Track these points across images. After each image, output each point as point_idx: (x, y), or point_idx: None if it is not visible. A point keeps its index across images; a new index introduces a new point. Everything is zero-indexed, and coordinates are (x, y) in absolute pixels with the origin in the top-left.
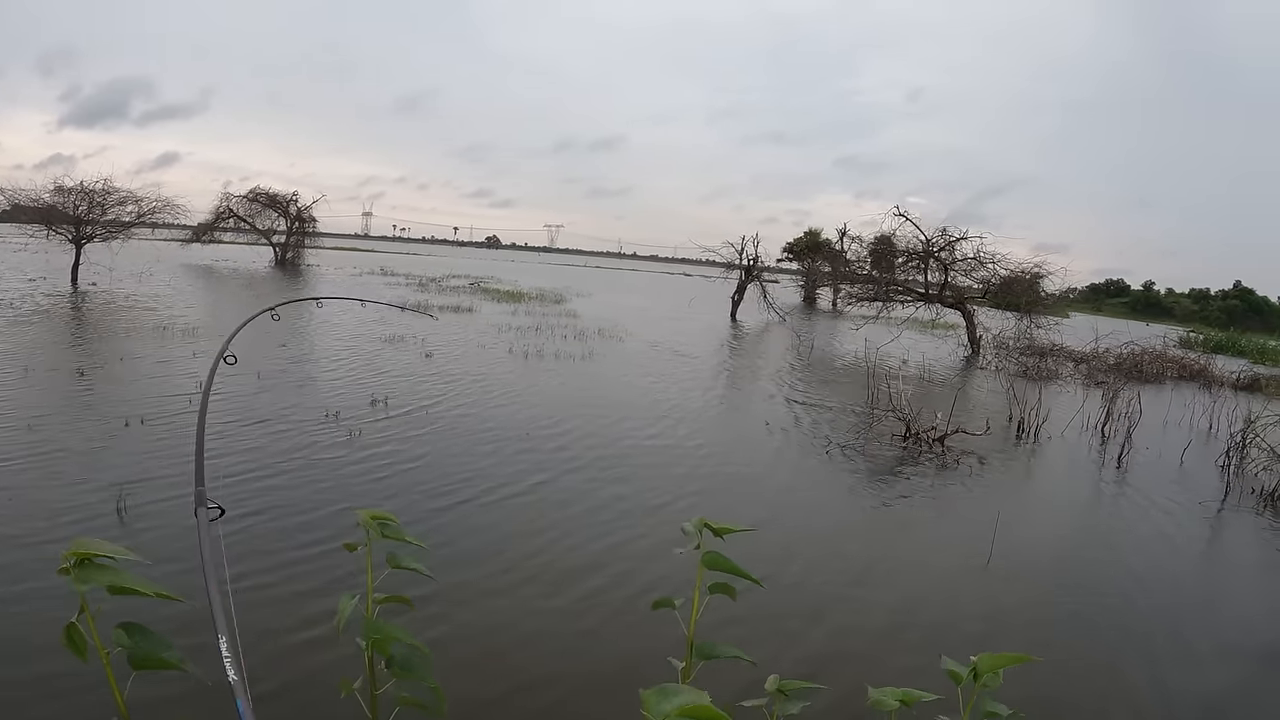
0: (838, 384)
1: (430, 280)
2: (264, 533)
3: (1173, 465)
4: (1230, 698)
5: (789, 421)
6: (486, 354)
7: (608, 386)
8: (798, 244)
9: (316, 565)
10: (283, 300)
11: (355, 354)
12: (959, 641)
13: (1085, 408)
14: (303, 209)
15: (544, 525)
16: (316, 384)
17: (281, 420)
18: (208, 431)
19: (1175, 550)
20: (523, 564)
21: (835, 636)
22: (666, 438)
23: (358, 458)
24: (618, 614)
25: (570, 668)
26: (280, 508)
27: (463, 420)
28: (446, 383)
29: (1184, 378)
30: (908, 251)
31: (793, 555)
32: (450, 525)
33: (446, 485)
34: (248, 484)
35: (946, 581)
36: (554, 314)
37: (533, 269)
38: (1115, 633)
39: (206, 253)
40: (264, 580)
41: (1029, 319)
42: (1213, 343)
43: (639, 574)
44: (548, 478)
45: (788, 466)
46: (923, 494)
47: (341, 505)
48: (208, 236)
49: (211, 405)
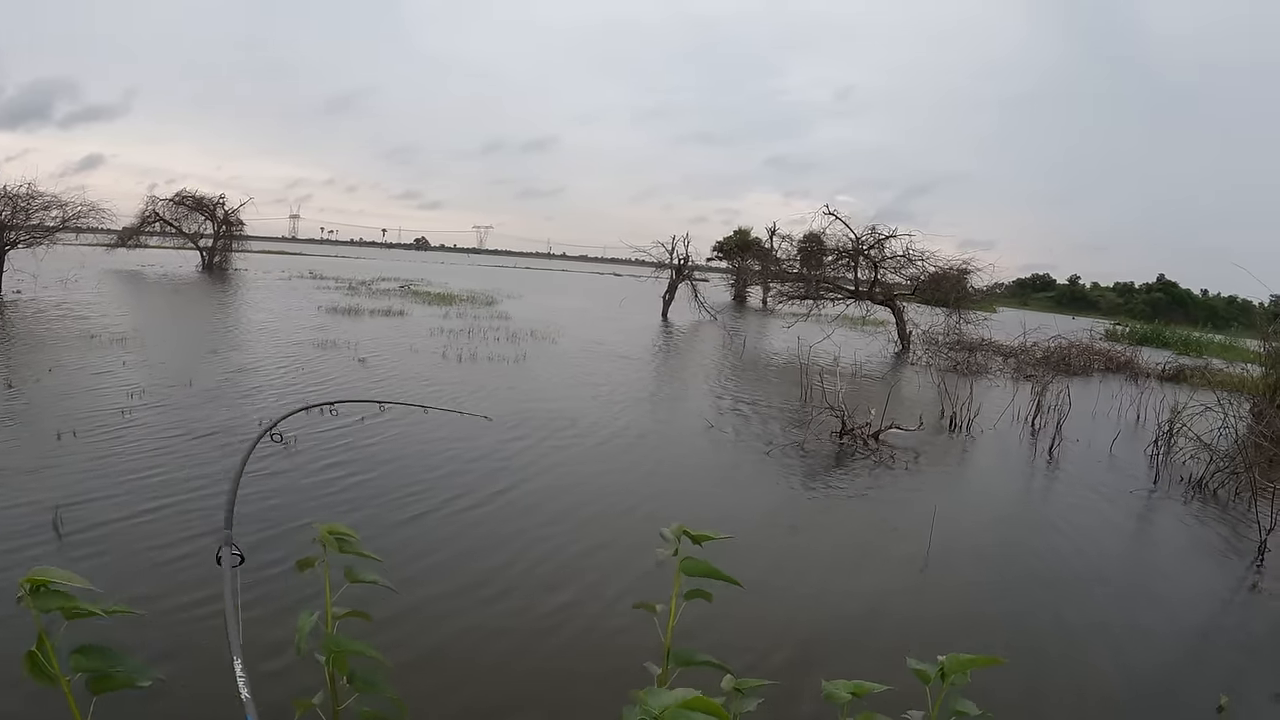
0: (772, 382)
1: (361, 283)
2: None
3: (1103, 455)
4: (1172, 677)
5: (728, 420)
6: (419, 358)
7: (546, 389)
8: (727, 243)
9: (276, 586)
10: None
11: (292, 360)
12: (896, 637)
13: (1016, 401)
14: (230, 212)
15: (508, 534)
16: (263, 392)
17: (224, 433)
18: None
19: (1112, 537)
20: (490, 577)
21: (802, 639)
22: (609, 440)
23: (305, 472)
24: (592, 624)
25: (542, 678)
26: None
27: (412, 430)
28: (383, 388)
29: (1111, 370)
30: (838, 250)
31: (749, 556)
32: (411, 540)
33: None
34: (197, 502)
35: (887, 577)
36: (486, 316)
37: (462, 270)
38: (1058, 622)
39: (132, 258)
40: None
41: (958, 314)
42: (1138, 335)
43: (610, 583)
44: (506, 485)
45: (730, 466)
46: (861, 490)
47: (296, 522)
48: (134, 241)
49: (149, 418)
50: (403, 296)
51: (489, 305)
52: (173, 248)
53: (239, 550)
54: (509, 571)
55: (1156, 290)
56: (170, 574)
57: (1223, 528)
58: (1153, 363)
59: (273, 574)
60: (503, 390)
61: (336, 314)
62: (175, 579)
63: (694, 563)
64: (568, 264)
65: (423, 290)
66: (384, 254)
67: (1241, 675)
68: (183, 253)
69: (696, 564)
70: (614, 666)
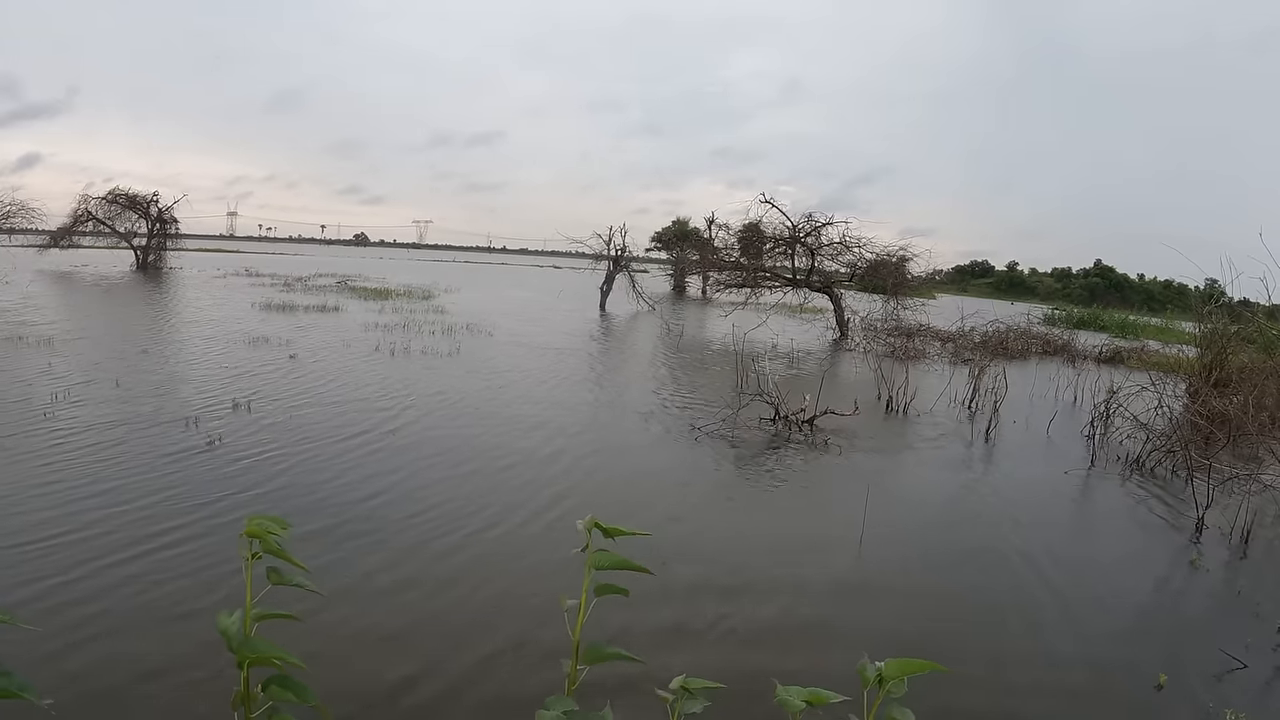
0: (708, 370)
1: (296, 280)
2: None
3: (1039, 436)
4: (1111, 654)
5: (661, 410)
6: (351, 352)
7: (476, 384)
8: (666, 233)
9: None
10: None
11: (225, 357)
12: (836, 624)
13: (953, 385)
14: (164, 210)
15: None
16: (187, 386)
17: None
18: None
19: (1051, 514)
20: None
21: (731, 632)
22: (539, 434)
23: (226, 469)
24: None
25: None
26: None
27: (328, 425)
28: (317, 384)
29: (1048, 353)
30: (775, 238)
31: (675, 547)
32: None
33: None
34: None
35: (825, 565)
36: (422, 310)
37: (401, 265)
38: (989, 596)
39: (64, 258)
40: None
41: (895, 301)
42: (1075, 319)
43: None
44: (428, 481)
45: (661, 455)
46: (792, 476)
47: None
48: (66, 241)
49: (72, 415)
50: (339, 292)
51: (426, 299)
52: (106, 247)
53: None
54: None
55: (1094, 275)
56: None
57: (1159, 505)
58: (1090, 345)
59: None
60: (426, 387)
61: (271, 310)
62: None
63: (601, 556)
64: (508, 257)
65: (360, 286)
66: (323, 250)
67: (1179, 652)
68: (116, 252)
69: (603, 557)
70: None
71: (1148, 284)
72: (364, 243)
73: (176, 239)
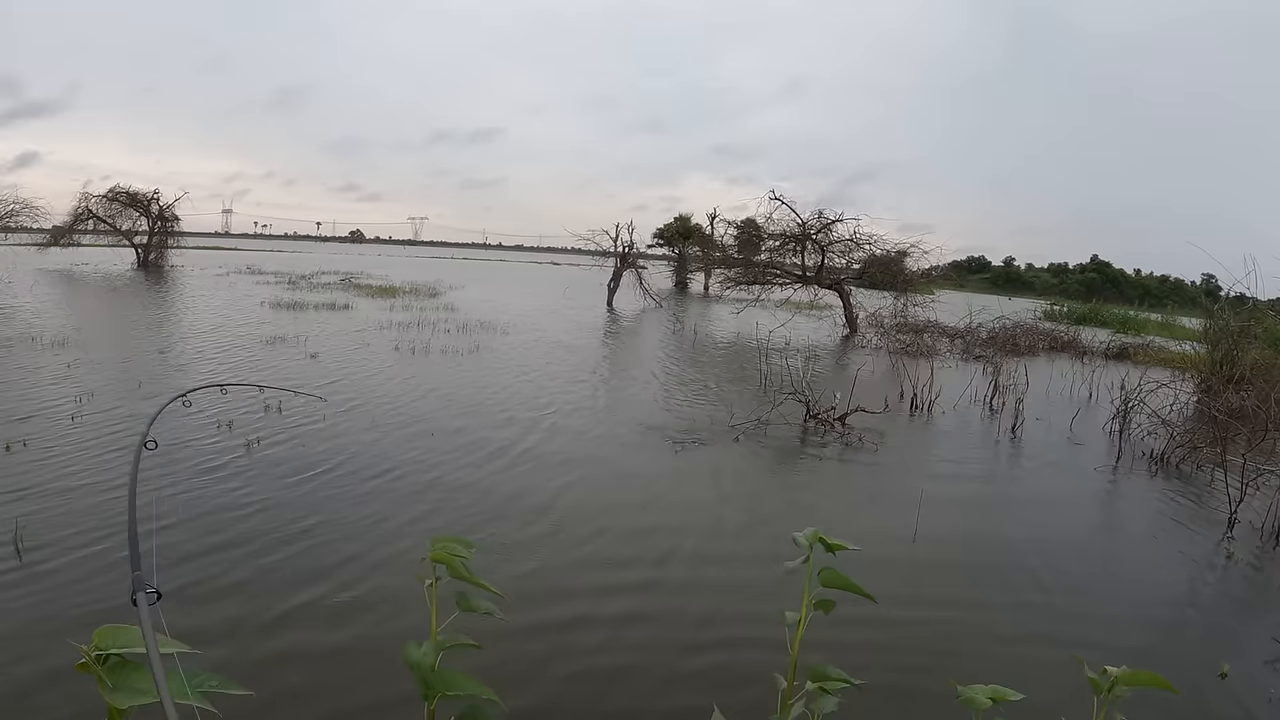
0: (726, 366)
1: (301, 277)
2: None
3: (1064, 433)
4: (1168, 646)
5: (688, 407)
6: (371, 352)
7: (507, 381)
8: (668, 229)
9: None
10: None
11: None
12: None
13: (972, 382)
14: (164, 207)
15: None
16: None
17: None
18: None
19: (1086, 513)
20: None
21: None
22: (592, 430)
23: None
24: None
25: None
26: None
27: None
28: (350, 384)
29: (1056, 349)
30: (784, 235)
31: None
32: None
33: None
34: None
35: (882, 548)
36: (431, 308)
37: (400, 262)
38: (1045, 590)
39: (65, 257)
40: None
41: (904, 297)
42: (1076, 315)
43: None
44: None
45: (704, 452)
46: (834, 473)
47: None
48: (66, 240)
49: (97, 423)
50: (345, 290)
51: (433, 297)
52: (107, 246)
53: (154, 588)
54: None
55: (1090, 270)
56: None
57: (1188, 501)
58: (1095, 341)
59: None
60: (457, 384)
61: (281, 309)
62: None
63: (832, 574)
64: (504, 254)
65: (364, 283)
66: (320, 247)
67: (1235, 642)
68: (117, 250)
69: (834, 576)
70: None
71: (1144, 279)
72: (360, 240)
73: (176, 237)
